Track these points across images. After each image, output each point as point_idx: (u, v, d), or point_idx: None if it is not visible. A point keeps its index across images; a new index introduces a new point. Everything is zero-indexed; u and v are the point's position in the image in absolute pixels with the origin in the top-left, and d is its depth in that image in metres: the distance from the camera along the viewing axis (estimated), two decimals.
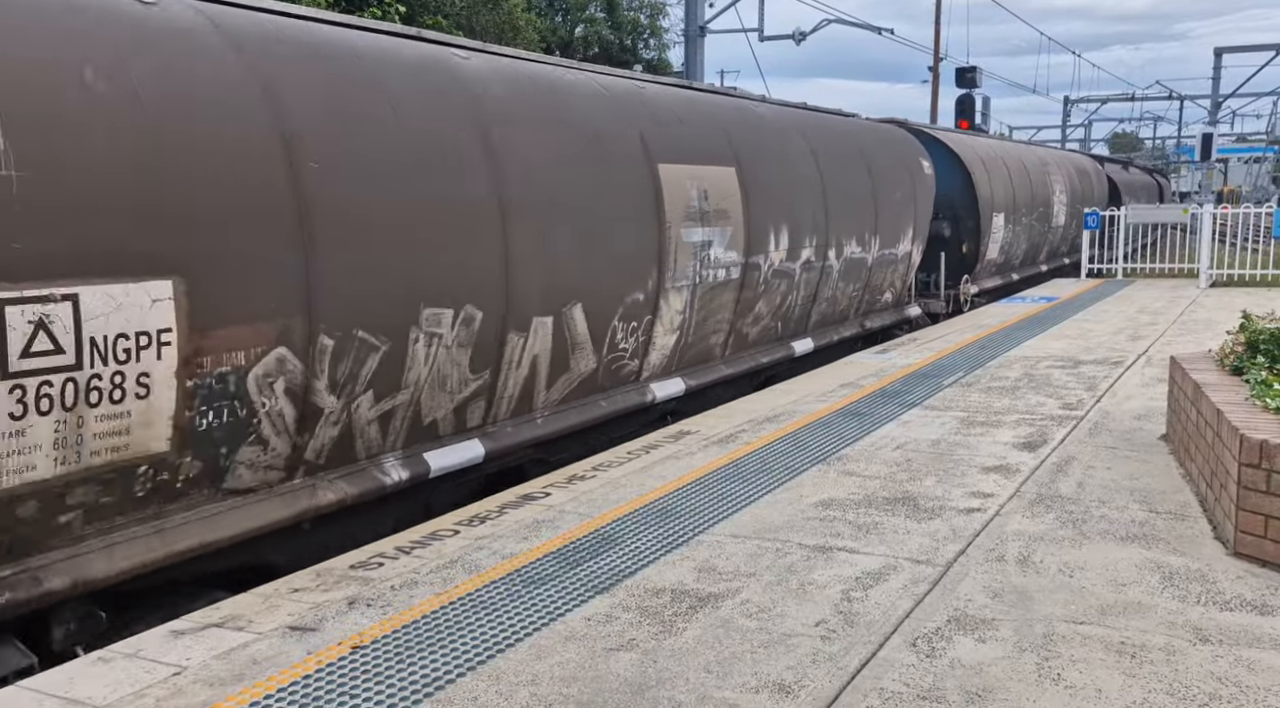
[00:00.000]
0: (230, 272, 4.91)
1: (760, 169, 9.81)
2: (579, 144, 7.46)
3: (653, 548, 5.01)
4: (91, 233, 4.31)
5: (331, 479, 5.71)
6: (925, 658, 3.77)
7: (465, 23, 25.61)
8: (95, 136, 4.32)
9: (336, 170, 5.37)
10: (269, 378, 5.18)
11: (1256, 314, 6.71)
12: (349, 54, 5.78)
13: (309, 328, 5.30)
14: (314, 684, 3.64)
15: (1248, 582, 4.46)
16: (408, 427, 6.18)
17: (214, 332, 4.86)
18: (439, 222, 6.05)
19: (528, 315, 6.86)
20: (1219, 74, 49.79)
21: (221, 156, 4.82)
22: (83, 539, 4.55)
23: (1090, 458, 6.53)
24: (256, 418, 5.17)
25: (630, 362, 8.27)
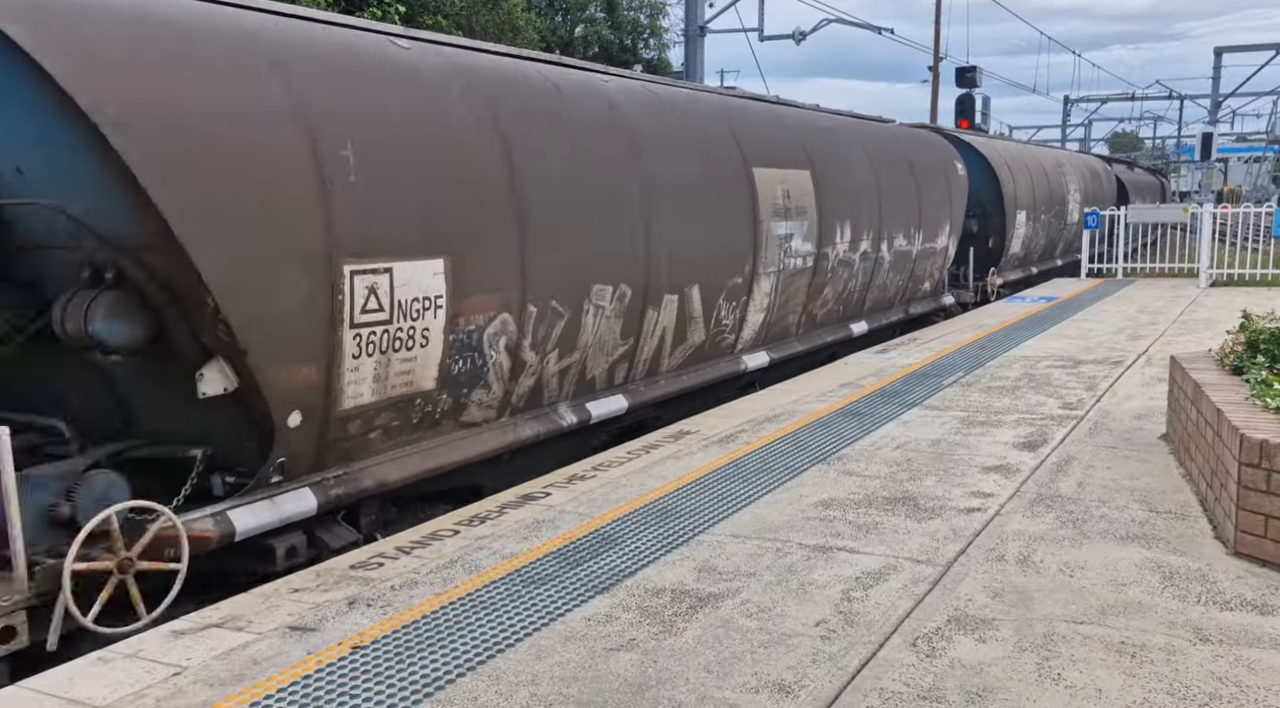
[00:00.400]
0: (476, 252, 6.40)
1: (829, 172, 11.28)
2: (694, 151, 8.88)
3: (653, 548, 5.01)
4: (402, 222, 5.84)
5: (526, 420, 7.22)
6: (925, 658, 3.77)
7: (465, 22, 25.60)
8: (404, 151, 5.93)
9: (538, 177, 6.91)
10: (496, 336, 6.68)
11: (1256, 314, 6.71)
12: (543, 87, 7.38)
13: (522, 298, 6.83)
14: (314, 685, 3.64)
15: (1248, 581, 4.46)
16: (576, 381, 7.68)
17: (466, 299, 6.36)
18: (603, 216, 7.57)
19: (660, 293, 8.35)
20: (1219, 74, 49.78)
21: (467, 165, 6.39)
22: (381, 452, 6.07)
23: (1090, 458, 6.53)
24: (486, 367, 6.67)
25: (729, 336, 9.72)
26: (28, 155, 4.91)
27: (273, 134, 5.20)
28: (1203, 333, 11.77)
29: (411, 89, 6.14)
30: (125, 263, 4.98)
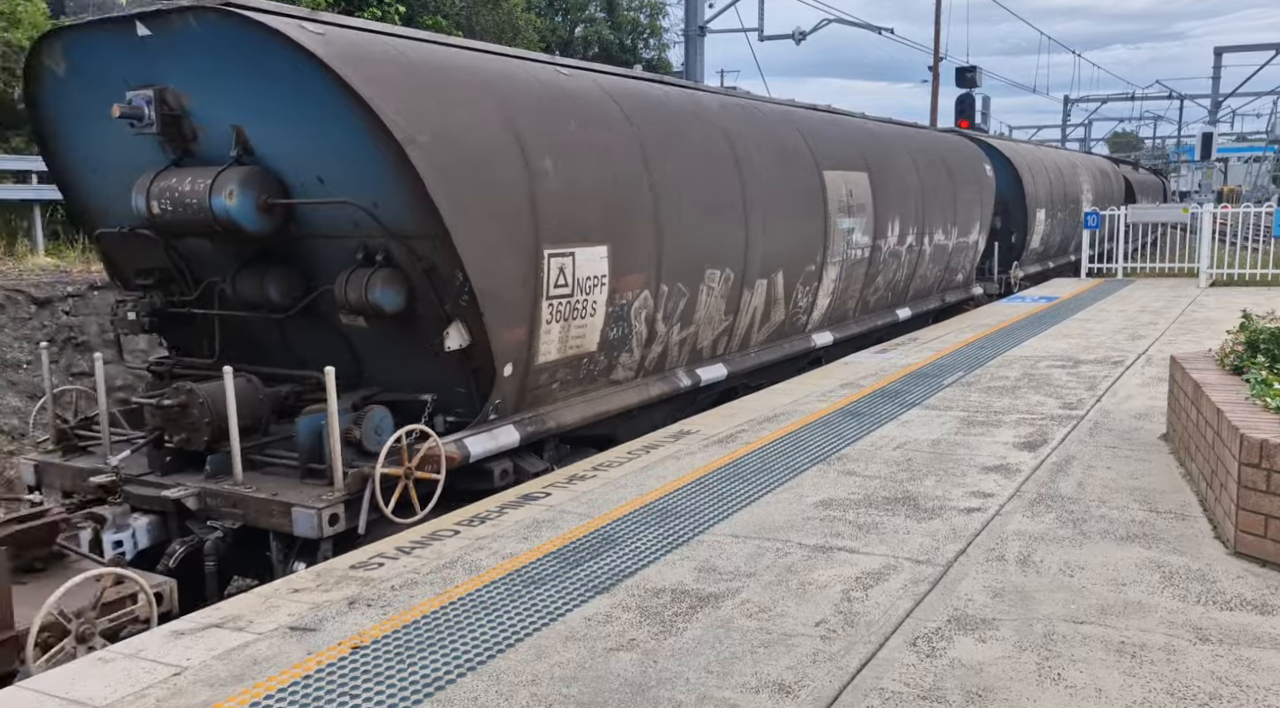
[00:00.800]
0: (628, 240, 7.86)
1: (883, 173, 12.78)
2: (778, 156, 10.36)
3: (653, 548, 5.01)
4: (580, 216, 7.33)
5: (654, 380, 8.70)
6: (925, 658, 3.77)
7: (465, 23, 25.60)
8: (580, 160, 7.38)
9: (669, 181, 8.38)
10: (639, 309, 8.18)
11: (1256, 314, 6.71)
12: (676, 108, 8.97)
13: (657, 278, 8.33)
14: (314, 685, 3.64)
15: (1248, 581, 4.46)
16: (690, 350, 9.16)
17: (621, 278, 7.86)
18: (714, 212, 9.03)
19: (754, 278, 9.86)
20: (1219, 73, 49.78)
21: (620, 171, 7.82)
22: (558, 400, 7.57)
23: (1090, 458, 6.53)
24: (630, 335, 8.16)
25: (802, 316, 11.27)
26: (329, 166, 6.33)
27: (500, 148, 6.69)
28: (1203, 333, 11.77)
29: (578, 110, 7.59)
30: (394, 247, 6.38)
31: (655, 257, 8.24)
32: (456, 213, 6.23)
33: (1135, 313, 14.10)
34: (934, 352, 11.00)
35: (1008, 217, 19.17)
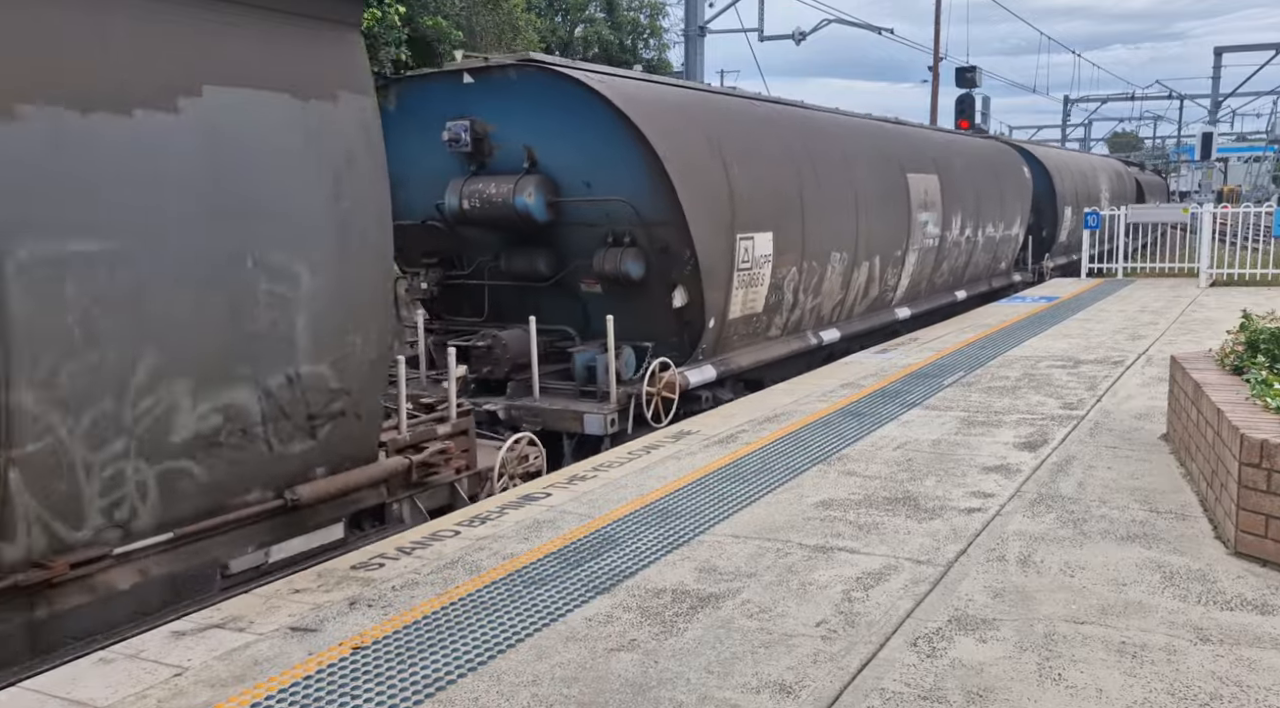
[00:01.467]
0: (785, 228, 10.59)
1: (948, 175, 15.71)
2: (876, 162, 13.19)
3: (653, 548, 5.01)
4: (758, 210, 10.04)
5: (793, 339, 11.41)
6: (926, 658, 3.77)
7: (465, 23, 25.59)
8: (757, 167, 10.18)
9: (810, 182, 11.12)
10: (789, 282, 10.88)
11: (1257, 314, 6.71)
12: (816, 128, 12.16)
13: (801, 257, 11.01)
14: (315, 685, 3.64)
15: (1248, 581, 4.47)
16: (815, 316, 11.86)
17: (780, 256, 10.55)
18: (838, 206, 11.89)
19: (860, 260, 12.66)
20: (1219, 73, 49.78)
21: (780, 175, 10.62)
22: (737, 349, 10.22)
23: (1091, 458, 6.54)
24: (782, 301, 10.85)
25: (890, 293, 14.06)
26: (596, 174, 9.04)
27: (708, 158, 9.42)
28: (1203, 333, 11.77)
29: (753, 130, 10.49)
30: (639, 233, 9.02)
31: (801, 241, 11.02)
32: (692, 206, 8.91)
33: (1135, 313, 14.10)
34: (934, 352, 11.00)
35: (1039, 214, 21.39)
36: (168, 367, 4.66)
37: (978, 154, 17.58)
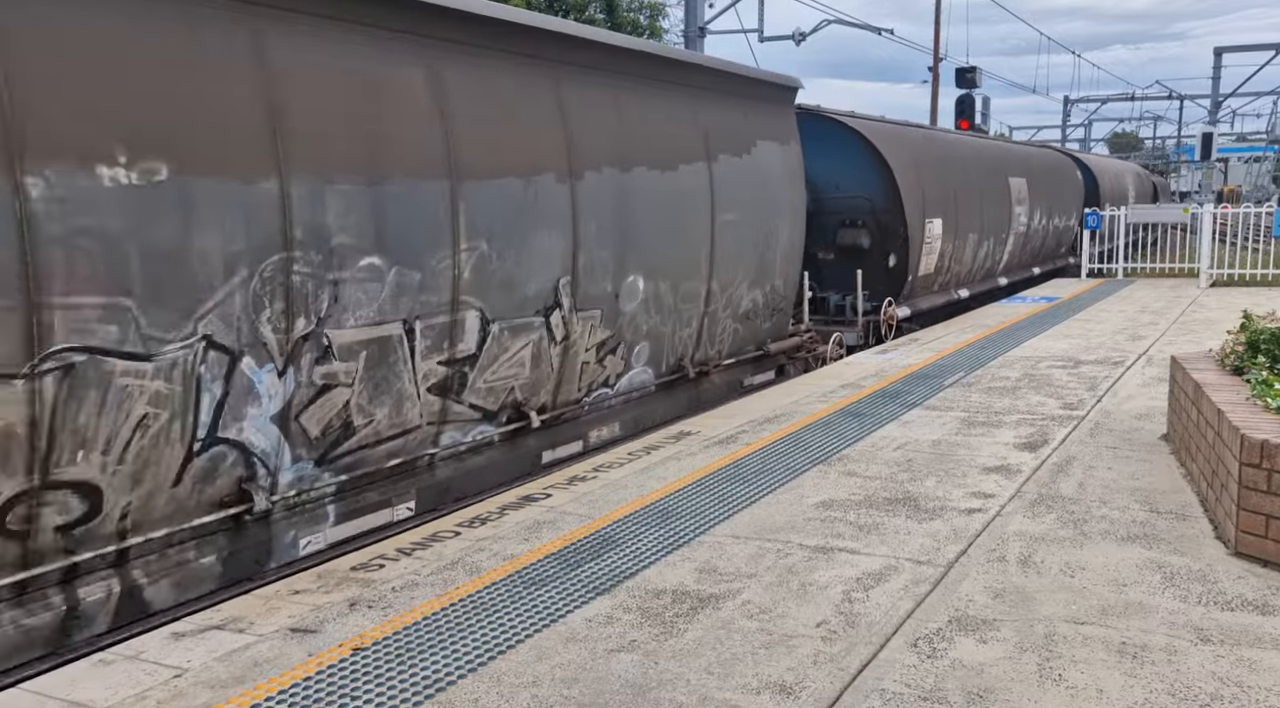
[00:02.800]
0: (949, 215, 15.09)
1: (1031, 176, 20.16)
2: (993, 169, 17.86)
3: (653, 549, 5.01)
4: (937, 202, 14.72)
5: (941, 295, 15.56)
6: (926, 659, 3.77)
7: None
8: (936, 173, 15.20)
9: (960, 184, 15.69)
10: (947, 253, 15.16)
11: (1257, 314, 6.71)
12: (959, 142, 17.97)
13: (954, 236, 15.37)
14: (315, 686, 3.64)
15: (1249, 582, 4.46)
16: (954, 279, 15.96)
17: (944, 235, 14.94)
18: (970, 202, 16.07)
19: (983, 240, 16.97)
20: (1219, 73, 49.77)
21: (949, 176, 15.53)
22: (919, 297, 14.86)
23: (1091, 458, 6.53)
24: (944, 266, 15.35)
25: (995, 265, 18.42)
26: (843, 179, 13.50)
27: (912, 170, 13.81)
28: (1203, 333, 11.77)
29: (934, 148, 15.35)
30: (868, 218, 13.43)
31: (955, 224, 15.29)
32: (906, 200, 13.49)
33: (1135, 313, 14.10)
34: (935, 352, 11.00)
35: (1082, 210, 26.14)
36: (745, 277, 9.94)
37: (1046, 160, 22.70)
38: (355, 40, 5.76)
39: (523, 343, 7.09)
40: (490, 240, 6.66)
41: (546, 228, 7.16)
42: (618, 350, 8.22)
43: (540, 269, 7.13)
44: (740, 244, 9.69)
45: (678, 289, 8.86)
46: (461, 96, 6.44)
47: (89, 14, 4.50)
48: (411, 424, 6.32)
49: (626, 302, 8.19)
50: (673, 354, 9.06)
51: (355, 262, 5.72)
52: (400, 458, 6.31)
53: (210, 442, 5.12)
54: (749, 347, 10.38)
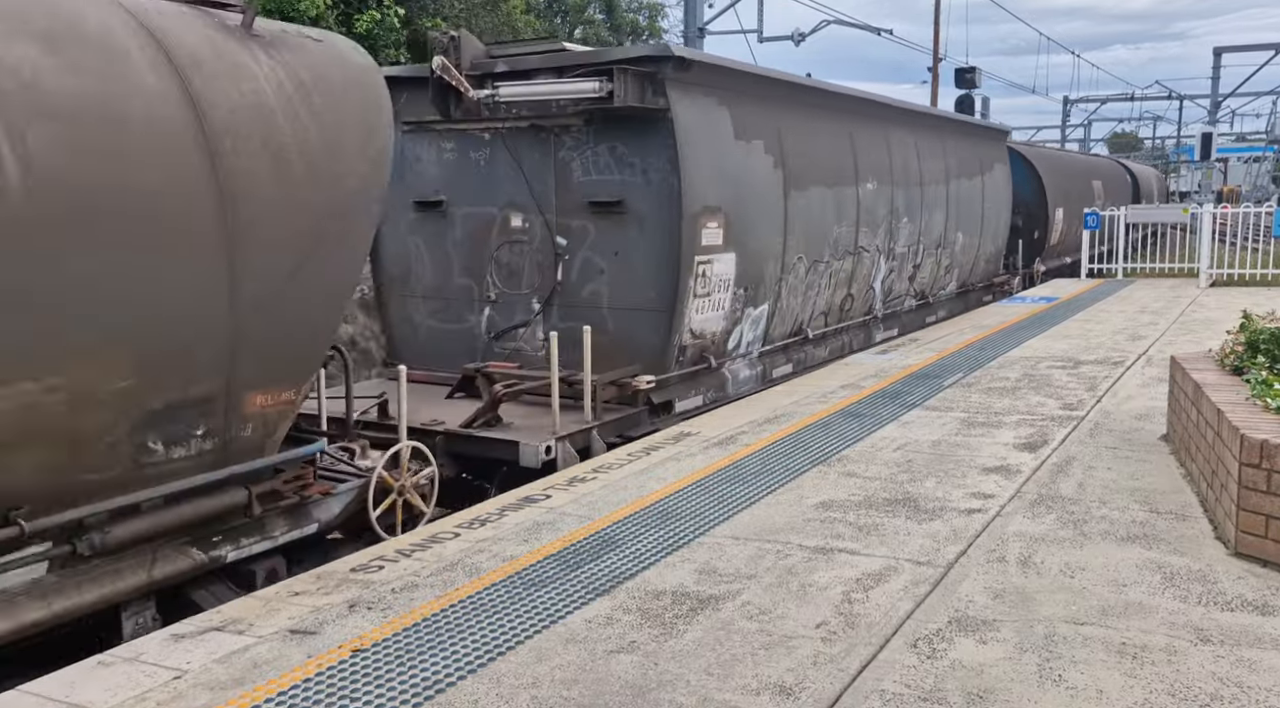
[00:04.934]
0: (1062, 207, 21.58)
1: (1104, 181, 26.25)
2: (1080, 173, 24.95)
3: (653, 550, 5.00)
4: (1058, 198, 21.71)
5: (1055, 261, 22.04)
6: (926, 659, 3.77)
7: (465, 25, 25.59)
8: (1064, 178, 23.86)
9: (1064, 184, 22.53)
10: (1057, 233, 21.95)
11: (1257, 314, 6.71)
12: (1072, 157, 30.65)
13: (1062, 220, 21.87)
14: (314, 688, 3.64)
15: (1249, 582, 4.46)
16: (1066, 250, 22.29)
17: (1063, 220, 21.91)
18: (1075, 197, 22.66)
19: (1079, 222, 21.30)
20: (1218, 74, 49.79)
21: (1070, 184, 23.44)
22: (1046, 263, 21.79)
23: (1091, 458, 6.53)
24: (1054, 243, 22.04)
25: (1073, 242, 21.95)
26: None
27: (1048, 176, 21.26)
28: (1203, 333, 11.77)
29: (1055, 158, 24.03)
30: (1021, 207, 19.57)
31: (1069, 212, 20.87)
32: (1050, 196, 20.28)
33: (1135, 313, 14.10)
34: (935, 352, 11.00)
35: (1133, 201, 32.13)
36: (987, 240, 17.38)
37: (1109, 167, 30.22)
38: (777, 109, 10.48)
39: (890, 267, 13.29)
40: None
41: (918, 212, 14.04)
42: (946, 272, 15.76)
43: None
44: (983, 222, 16.99)
45: (950, 244, 15.54)
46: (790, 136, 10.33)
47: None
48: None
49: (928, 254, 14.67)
50: (953, 278, 16.16)
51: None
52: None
53: None
54: (984, 280, 18.11)
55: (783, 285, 10.22)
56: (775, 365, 10.46)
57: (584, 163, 8.75)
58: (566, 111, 8.57)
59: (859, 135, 11.69)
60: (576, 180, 8.76)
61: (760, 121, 9.61)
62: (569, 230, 8.89)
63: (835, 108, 11.37)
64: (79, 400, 4.53)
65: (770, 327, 10.26)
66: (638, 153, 8.45)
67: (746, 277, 9.43)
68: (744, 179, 9.27)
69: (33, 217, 4.20)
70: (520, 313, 9.15)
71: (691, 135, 8.44)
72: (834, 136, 11.12)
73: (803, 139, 10.33)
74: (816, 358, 11.29)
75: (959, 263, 15.98)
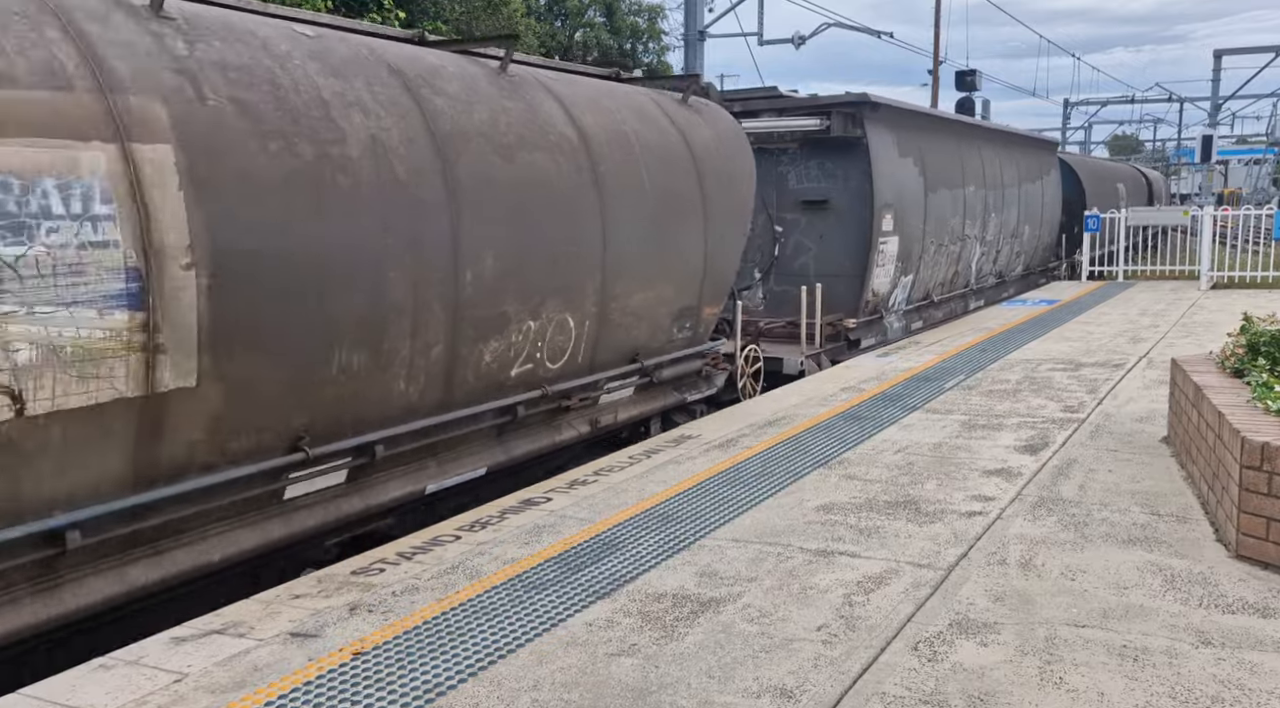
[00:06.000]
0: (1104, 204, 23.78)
1: (1125, 185, 28.70)
2: (1109, 177, 27.97)
3: (654, 553, 5.00)
4: (1094, 199, 24.06)
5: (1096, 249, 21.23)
6: (927, 662, 3.77)
7: (465, 28, 25.61)
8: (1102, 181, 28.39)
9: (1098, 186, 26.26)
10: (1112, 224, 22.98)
11: (1257, 316, 6.71)
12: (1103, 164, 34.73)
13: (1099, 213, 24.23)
14: (315, 691, 3.64)
15: (1250, 584, 4.46)
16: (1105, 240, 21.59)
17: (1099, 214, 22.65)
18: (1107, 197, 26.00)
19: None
20: (1218, 76, 49.82)
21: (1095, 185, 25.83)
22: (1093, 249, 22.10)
23: (1092, 461, 6.53)
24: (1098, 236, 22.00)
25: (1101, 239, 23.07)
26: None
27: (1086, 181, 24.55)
28: (1203, 335, 11.77)
29: (1089, 164, 27.52)
30: (1067, 205, 22.72)
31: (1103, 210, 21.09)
32: (1088, 196, 23.08)
33: (1136, 316, 14.09)
34: (935, 355, 11.00)
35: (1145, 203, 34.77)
36: (1040, 231, 21.10)
37: (1129, 172, 33.03)
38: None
39: (982, 252, 17.09)
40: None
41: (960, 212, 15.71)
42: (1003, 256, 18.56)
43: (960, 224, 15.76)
44: (1042, 218, 20.53)
45: (1020, 234, 19.08)
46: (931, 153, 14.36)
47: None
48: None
49: (1004, 240, 18.23)
50: (1020, 262, 19.41)
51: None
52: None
53: None
54: (1041, 265, 21.37)
55: (921, 261, 14.07)
56: (912, 321, 14.30)
57: (797, 173, 12.62)
58: (785, 138, 12.44)
59: (965, 151, 15.79)
60: (791, 186, 12.65)
61: (911, 143, 13.47)
62: (784, 221, 12.68)
63: (951, 131, 15.51)
64: (667, 301, 8.41)
65: (912, 292, 14.22)
66: (840, 166, 12.34)
67: (903, 253, 13.28)
68: (904, 184, 13.15)
69: (651, 205, 7.92)
70: (744, 279, 12.46)
71: (878, 154, 12.31)
72: (951, 152, 15.11)
73: (934, 155, 14.27)
74: (935, 318, 15.14)
75: (1025, 250, 19.85)
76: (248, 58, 5.04)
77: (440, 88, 6.17)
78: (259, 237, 4.83)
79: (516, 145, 6.55)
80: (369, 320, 5.46)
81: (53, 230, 4.05)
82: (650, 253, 7.96)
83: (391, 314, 5.59)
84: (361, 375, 5.51)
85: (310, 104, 5.21)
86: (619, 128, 7.77)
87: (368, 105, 5.55)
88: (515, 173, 6.48)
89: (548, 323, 6.93)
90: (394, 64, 5.98)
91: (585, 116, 7.42)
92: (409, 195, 5.65)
